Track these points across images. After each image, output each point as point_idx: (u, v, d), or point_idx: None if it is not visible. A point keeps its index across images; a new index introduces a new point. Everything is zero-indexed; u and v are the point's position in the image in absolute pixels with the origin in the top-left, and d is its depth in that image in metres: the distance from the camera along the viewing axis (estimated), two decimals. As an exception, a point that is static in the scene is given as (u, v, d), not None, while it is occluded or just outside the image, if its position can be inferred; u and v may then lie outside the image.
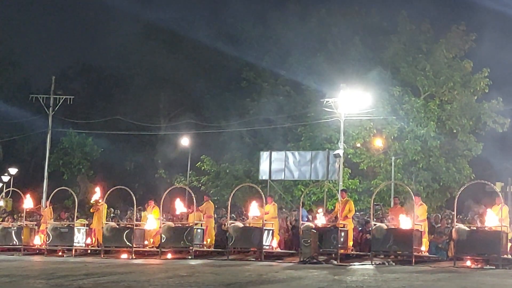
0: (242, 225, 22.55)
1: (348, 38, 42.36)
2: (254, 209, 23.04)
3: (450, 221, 22.97)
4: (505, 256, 18.94)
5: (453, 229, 19.45)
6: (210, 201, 25.03)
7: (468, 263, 19.08)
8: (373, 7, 45.26)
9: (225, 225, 23.86)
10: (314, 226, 21.20)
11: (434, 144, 39.13)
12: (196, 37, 47.38)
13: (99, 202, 25.16)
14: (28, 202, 26.30)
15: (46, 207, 26.77)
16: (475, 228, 19.81)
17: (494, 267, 18.38)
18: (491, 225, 19.32)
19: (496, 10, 39.34)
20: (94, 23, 55.15)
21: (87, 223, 25.76)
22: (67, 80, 49.64)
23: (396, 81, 40.72)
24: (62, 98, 40.09)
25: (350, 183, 38.21)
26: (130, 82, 51.47)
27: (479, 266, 18.82)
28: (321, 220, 22.22)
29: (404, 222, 20.37)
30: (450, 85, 40.01)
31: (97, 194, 25.49)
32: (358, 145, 39.75)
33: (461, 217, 25.59)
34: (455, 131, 40.18)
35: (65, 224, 25.69)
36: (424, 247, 20.82)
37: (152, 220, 23.85)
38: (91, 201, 26.48)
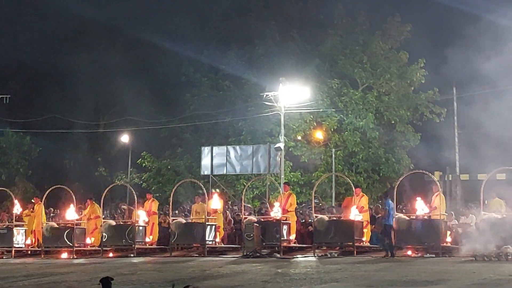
0: (185, 221, 22.48)
1: (286, 31, 42.52)
2: (215, 202, 23.12)
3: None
4: (444, 244, 19.33)
5: (393, 219, 19.73)
6: (154, 199, 24.88)
7: (409, 252, 19.40)
8: (309, 1, 45.54)
9: (165, 221, 23.75)
10: (256, 220, 21.27)
11: (373, 135, 39.64)
12: (133, 33, 46.80)
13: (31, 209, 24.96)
14: None
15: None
16: (414, 218, 20.12)
17: (434, 255, 18.72)
18: (421, 213, 19.81)
19: (430, 0, 39.83)
20: (29, 20, 53.82)
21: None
22: (3, 79, 48.43)
23: (334, 73, 41.08)
24: (-2, 97, 39.34)
25: (291, 176, 38.41)
26: (68, 80, 50.57)
27: (419, 254, 19.15)
28: (278, 213, 21.78)
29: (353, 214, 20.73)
30: (387, 77, 40.49)
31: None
32: (299, 138, 39.96)
33: (401, 207, 25.97)
34: (393, 122, 40.76)
35: (3, 225, 25.19)
36: (365, 238, 21.10)
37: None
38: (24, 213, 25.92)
